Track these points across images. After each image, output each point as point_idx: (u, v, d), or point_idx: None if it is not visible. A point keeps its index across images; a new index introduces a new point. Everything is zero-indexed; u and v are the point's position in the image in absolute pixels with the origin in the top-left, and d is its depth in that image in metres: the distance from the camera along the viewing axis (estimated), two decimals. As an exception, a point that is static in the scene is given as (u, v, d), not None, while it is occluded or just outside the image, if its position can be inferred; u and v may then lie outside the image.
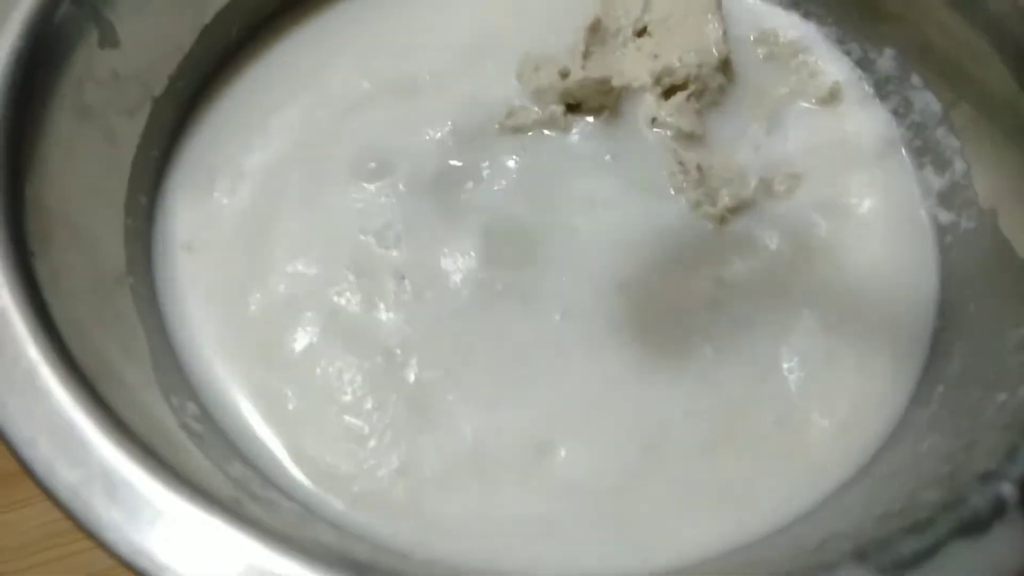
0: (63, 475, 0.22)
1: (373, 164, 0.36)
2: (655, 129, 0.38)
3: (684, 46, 0.38)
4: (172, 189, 0.36)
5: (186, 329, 0.32)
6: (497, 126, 0.37)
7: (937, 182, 0.36)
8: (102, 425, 0.23)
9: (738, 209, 0.36)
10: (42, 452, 0.22)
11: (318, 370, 0.32)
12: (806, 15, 0.41)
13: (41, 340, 0.24)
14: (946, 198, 0.36)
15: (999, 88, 0.33)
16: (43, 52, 0.30)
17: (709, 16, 0.39)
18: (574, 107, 0.38)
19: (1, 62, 0.28)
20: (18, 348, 0.24)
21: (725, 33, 0.38)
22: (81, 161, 0.31)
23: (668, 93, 0.38)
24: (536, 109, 0.38)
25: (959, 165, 0.35)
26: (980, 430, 0.27)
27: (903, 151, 0.38)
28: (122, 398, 0.25)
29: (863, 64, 0.39)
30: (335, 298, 0.33)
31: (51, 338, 0.24)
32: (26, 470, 0.22)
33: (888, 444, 0.31)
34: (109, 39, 0.33)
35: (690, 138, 0.37)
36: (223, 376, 0.31)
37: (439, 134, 0.37)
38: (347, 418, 0.31)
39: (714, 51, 0.38)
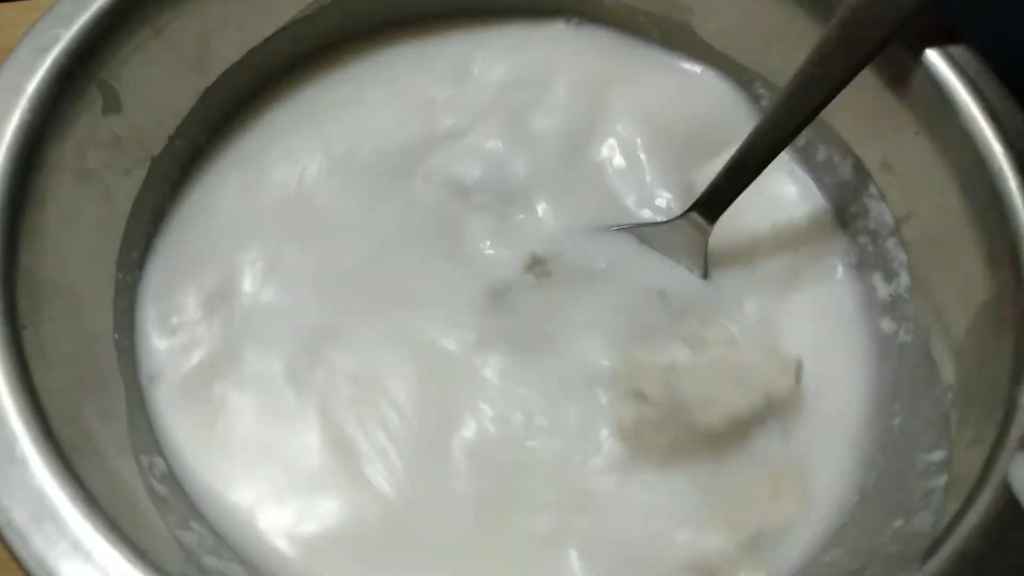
0: (34, 544, 0.24)
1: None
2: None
3: None
4: (163, 240, 0.38)
5: (162, 381, 0.35)
6: None
7: (883, 291, 0.38)
8: (73, 498, 0.25)
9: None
10: (16, 521, 0.25)
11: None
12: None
13: (24, 413, 0.26)
14: (889, 309, 0.37)
15: (949, 210, 0.34)
16: (49, 123, 0.32)
17: None
18: None
19: (7, 136, 0.31)
20: (1, 421, 0.26)
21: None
22: (77, 226, 0.33)
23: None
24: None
25: (904, 279, 0.37)
26: (871, 556, 0.29)
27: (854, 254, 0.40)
28: (94, 468, 0.27)
29: (827, 167, 0.41)
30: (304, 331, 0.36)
31: (33, 411, 0.26)
32: (-1, 536, 0.25)
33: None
34: (112, 105, 0.35)
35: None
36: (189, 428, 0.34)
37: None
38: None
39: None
